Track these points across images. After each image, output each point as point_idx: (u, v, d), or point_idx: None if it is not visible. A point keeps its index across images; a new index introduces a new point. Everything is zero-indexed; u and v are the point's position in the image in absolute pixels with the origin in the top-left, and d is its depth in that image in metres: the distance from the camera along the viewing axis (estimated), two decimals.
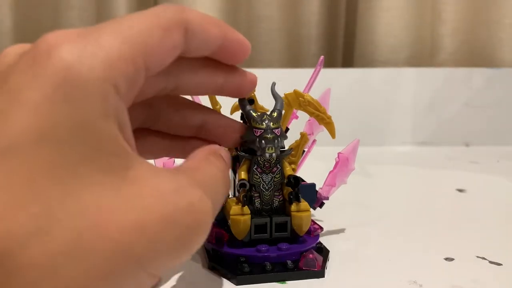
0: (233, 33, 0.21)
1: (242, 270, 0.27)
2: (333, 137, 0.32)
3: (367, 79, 0.70)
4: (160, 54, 0.18)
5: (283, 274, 0.27)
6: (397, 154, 0.66)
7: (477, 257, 0.31)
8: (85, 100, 0.15)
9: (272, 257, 0.28)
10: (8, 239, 0.13)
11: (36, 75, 0.15)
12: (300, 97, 0.31)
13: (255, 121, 0.27)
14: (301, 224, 0.28)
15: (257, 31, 0.76)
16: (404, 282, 0.27)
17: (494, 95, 0.70)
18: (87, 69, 0.15)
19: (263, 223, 0.29)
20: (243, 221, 0.28)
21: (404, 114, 0.70)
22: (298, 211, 0.28)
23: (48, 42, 0.15)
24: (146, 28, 0.17)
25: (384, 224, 0.37)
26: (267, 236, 0.29)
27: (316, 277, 0.28)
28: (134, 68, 0.16)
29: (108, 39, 0.16)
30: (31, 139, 0.14)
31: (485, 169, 0.57)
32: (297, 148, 0.32)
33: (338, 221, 0.37)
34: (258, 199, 0.29)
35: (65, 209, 0.14)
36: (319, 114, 0.31)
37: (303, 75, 0.69)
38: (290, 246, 0.29)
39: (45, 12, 0.78)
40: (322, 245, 0.31)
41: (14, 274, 0.13)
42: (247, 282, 0.27)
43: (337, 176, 0.33)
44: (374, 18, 0.72)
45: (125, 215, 0.15)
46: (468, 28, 0.75)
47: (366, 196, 0.45)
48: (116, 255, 0.14)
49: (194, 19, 0.19)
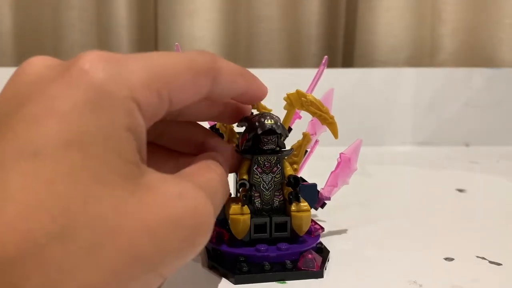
0: (255, 82, 0.24)
1: (240, 269, 0.27)
2: (335, 137, 0.32)
3: (367, 79, 0.70)
4: (185, 94, 0.19)
5: (282, 274, 0.27)
6: (397, 154, 0.66)
7: (477, 257, 0.31)
8: (112, 112, 0.16)
9: (272, 256, 0.28)
10: (29, 239, 0.13)
11: (72, 88, 0.16)
12: (302, 97, 0.31)
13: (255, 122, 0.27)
14: (301, 224, 0.28)
15: (257, 31, 0.77)
16: (404, 282, 0.27)
17: (494, 95, 0.70)
18: (117, 88, 0.16)
19: (262, 223, 0.29)
20: (243, 220, 0.28)
21: (404, 114, 0.70)
22: (298, 211, 0.28)
23: (86, 60, 0.17)
24: (176, 68, 0.19)
25: (384, 224, 0.37)
26: (267, 236, 0.29)
27: (314, 277, 0.28)
28: (158, 99, 0.18)
29: (138, 69, 0.17)
30: (58, 144, 0.15)
31: (485, 169, 0.57)
32: (299, 148, 0.32)
33: (338, 221, 0.37)
34: (259, 199, 0.29)
35: (85, 212, 0.14)
36: (321, 114, 0.31)
37: (303, 75, 0.69)
38: (289, 246, 0.29)
39: (45, 12, 0.78)
40: (322, 245, 0.31)
41: (33, 273, 0.13)
42: (245, 281, 0.27)
43: (339, 177, 0.33)
44: (374, 18, 0.72)
45: (138, 219, 0.16)
46: (468, 28, 0.75)
47: (366, 196, 0.45)
48: (130, 257, 0.15)
49: (224, 70, 0.21)
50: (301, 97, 0.31)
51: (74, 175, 0.15)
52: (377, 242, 0.33)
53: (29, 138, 0.15)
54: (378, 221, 0.38)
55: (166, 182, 0.17)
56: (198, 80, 0.19)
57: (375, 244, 0.33)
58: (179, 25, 0.72)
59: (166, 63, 0.18)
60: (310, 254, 0.28)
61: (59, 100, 0.16)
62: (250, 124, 0.27)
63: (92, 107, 0.16)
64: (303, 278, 0.28)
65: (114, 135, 0.16)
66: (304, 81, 0.35)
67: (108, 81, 0.16)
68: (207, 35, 0.72)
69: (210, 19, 0.73)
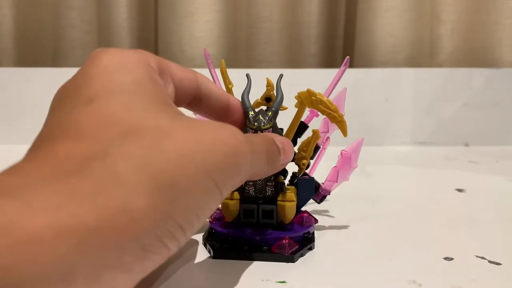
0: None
1: (222, 246, 0.31)
2: (344, 135, 0.33)
3: (367, 79, 0.70)
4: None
5: (255, 254, 0.30)
6: (396, 154, 0.66)
7: (476, 257, 0.31)
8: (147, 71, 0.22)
9: (256, 239, 0.31)
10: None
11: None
12: (312, 96, 0.32)
13: (248, 121, 0.30)
14: (285, 212, 0.31)
15: (257, 31, 0.77)
16: (404, 282, 0.27)
17: (493, 95, 0.70)
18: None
19: (251, 209, 0.31)
20: (231, 205, 0.31)
21: (404, 114, 0.70)
22: (283, 201, 0.31)
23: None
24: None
25: (383, 223, 0.37)
26: (255, 221, 0.31)
27: (285, 261, 0.30)
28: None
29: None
30: (107, 93, 0.20)
31: (484, 169, 0.57)
32: (308, 145, 0.34)
33: (338, 219, 0.37)
34: (252, 187, 0.31)
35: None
36: (330, 113, 0.32)
37: (303, 75, 0.69)
38: (273, 232, 0.31)
39: (45, 12, 0.78)
40: (310, 235, 0.32)
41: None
42: (222, 256, 0.30)
43: (340, 173, 0.34)
44: (373, 19, 0.73)
45: (187, 134, 0.19)
46: (468, 29, 0.75)
47: (366, 195, 0.45)
48: (186, 162, 0.18)
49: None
50: (311, 96, 0.32)
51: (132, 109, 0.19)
52: (376, 241, 0.34)
53: (88, 89, 0.20)
54: (377, 220, 0.38)
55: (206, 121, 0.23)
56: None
57: (374, 243, 0.33)
58: (179, 25, 0.72)
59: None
60: (285, 240, 0.30)
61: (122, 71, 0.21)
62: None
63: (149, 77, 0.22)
64: (273, 261, 0.30)
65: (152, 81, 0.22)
66: (304, 81, 0.35)
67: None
68: (207, 35, 0.73)
69: (210, 19, 0.73)
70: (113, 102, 0.19)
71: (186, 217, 0.18)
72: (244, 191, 0.31)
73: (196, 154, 0.18)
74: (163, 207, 0.17)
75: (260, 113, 0.30)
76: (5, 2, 0.78)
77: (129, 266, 0.16)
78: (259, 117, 0.30)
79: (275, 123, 0.31)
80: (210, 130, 0.20)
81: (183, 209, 0.18)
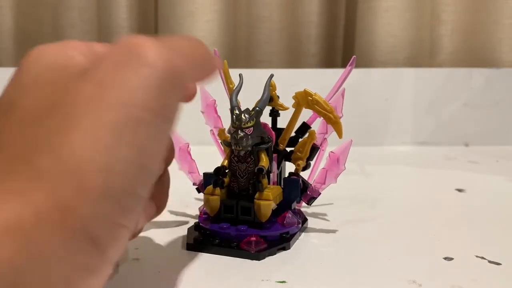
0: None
1: (196, 239, 0.32)
2: (340, 137, 0.32)
3: (367, 79, 0.70)
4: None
5: (223, 249, 0.31)
6: (396, 154, 0.66)
7: (476, 257, 0.31)
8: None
9: (233, 235, 0.31)
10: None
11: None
12: (308, 96, 0.32)
13: (231, 120, 0.31)
14: (260, 211, 0.31)
15: (257, 31, 0.77)
16: (404, 282, 0.27)
17: (493, 95, 0.70)
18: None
19: (231, 205, 0.32)
20: (211, 200, 0.32)
21: (404, 114, 0.70)
22: (259, 199, 0.31)
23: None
24: None
25: (383, 223, 0.37)
26: (234, 216, 0.32)
27: (249, 258, 0.30)
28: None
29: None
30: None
31: (484, 169, 0.57)
32: (304, 145, 0.34)
33: (338, 219, 0.37)
34: (236, 184, 0.32)
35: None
36: (326, 114, 0.32)
37: (303, 75, 0.69)
38: (248, 229, 0.31)
39: (45, 12, 0.78)
40: (288, 235, 0.32)
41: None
42: (192, 248, 0.31)
43: (327, 175, 0.34)
44: (373, 19, 0.73)
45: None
46: (468, 29, 0.75)
47: (366, 195, 0.45)
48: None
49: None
50: (307, 96, 0.32)
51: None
52: (376, 242, 0.34)
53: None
54: (377, 220, 0.38)
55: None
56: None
57: (374, 244, 0.33)
58: (179, 25, 0.72)
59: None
60: (253, 238, 0.31)
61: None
62: (229, 132, 0.31)
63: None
64: (238, 257, 0.30)
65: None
66: (304, 81, 0.35)
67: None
68: (207, 35, 0.73)
69: (210, 19, 0.73)
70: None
71: (126, 189, 0.18)
72: (229, 187, 0.32)
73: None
74: (97, 189, 0.17)
75: (244, 112, 0.31)
76: (5, 2, 0.78)
77: (89, 260, 0.17)
78: (241, 116, 0.30)
79: (258, 121, 0.31)
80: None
81: (120, 181, 0.17)
